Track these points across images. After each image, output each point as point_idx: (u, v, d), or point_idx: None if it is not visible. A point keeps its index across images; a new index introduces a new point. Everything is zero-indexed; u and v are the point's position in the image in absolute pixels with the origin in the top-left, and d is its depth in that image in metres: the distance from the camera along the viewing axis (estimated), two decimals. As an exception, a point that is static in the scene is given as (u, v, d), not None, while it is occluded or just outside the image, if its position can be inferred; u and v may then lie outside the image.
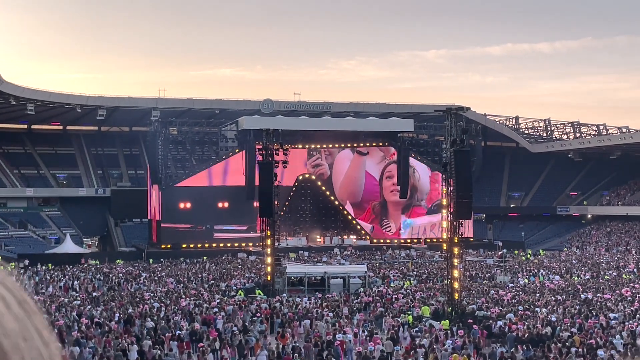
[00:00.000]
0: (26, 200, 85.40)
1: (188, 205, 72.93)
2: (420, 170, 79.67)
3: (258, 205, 54.13)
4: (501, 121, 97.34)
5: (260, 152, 52.16)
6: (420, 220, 79.50)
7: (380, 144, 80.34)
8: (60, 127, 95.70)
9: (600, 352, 25.73)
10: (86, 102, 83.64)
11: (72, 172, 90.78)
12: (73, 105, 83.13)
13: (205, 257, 65.26)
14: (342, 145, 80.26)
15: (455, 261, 38.54)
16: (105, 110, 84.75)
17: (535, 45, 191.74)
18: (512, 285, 48.46)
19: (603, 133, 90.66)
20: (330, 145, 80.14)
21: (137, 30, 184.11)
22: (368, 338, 30.11)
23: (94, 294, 44.65)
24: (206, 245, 71.48)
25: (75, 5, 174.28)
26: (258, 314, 35.76)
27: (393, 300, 40.20)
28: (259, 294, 44.84)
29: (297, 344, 28.82)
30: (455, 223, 38.99)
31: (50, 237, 79.31)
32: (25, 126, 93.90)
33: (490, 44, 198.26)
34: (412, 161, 78.66)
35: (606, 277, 52.78)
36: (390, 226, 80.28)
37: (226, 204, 73.76)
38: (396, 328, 32.31)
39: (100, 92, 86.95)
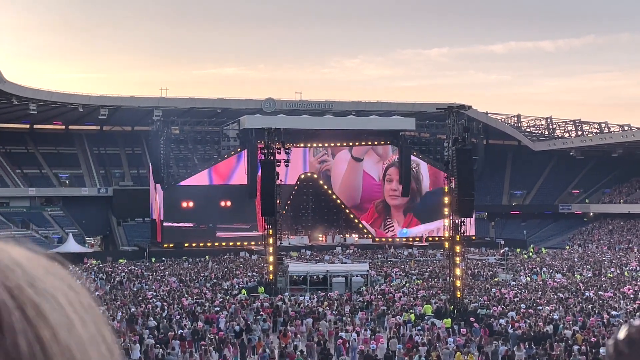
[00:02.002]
0: (29, 200, 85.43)
1: (191, 204, 73.02)
2: (422, 169, 79.64)
3: (260, 204, 54.17)
4: (503, 119, 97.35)
5: (262, 151, 52.22)
6: (417, 229, 79.29)
7: (382, 142, 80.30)
8: (63, 127, 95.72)
9: (602, 349, 25.77)
10: (88, 101, 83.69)
11: (75, 171, 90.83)
12: (75, 105, 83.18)
13: (207, 256, 65.37)
14: (344, 144, 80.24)
15: (457, 259, 38.58)
16: (107, 110, 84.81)
17: (538, 43, 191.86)
18: (514, 283, 48.47)
19: (605, 131, 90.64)
20: (332, 144, 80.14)
21: (139, 29, 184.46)
22: (371, 336, 30.15)
23: (97, 293, 44.72)
24: (208, 244, 71.57)
25: (77, 5, 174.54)
26: (261, 313, 35.83)
27: (395, 298, 40.24)
28: (262, 292, 44.93)
29: (299, 343, 28.88)
30: (457, 221, 39.03)
31: (53, 237, 79.34)
32: (28, 126, 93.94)
33: (494, 42, 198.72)
34: (416, 159, 78.66)
35: (608, 275, 52.79)
36: (393, 225, 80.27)
37: (229, 203, 73.85)
38: (398, 326, 32.36)
39: (102, 92, 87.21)
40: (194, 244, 71.43)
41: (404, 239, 77.94)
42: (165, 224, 72.88)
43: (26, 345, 0.76)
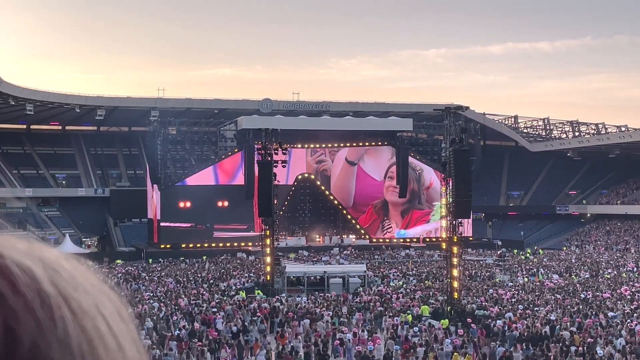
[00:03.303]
0: (25, 201, 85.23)
1: (188, 204, 72.95)
2: (427, 173, 79.59)
3: (257, 204, 54.15)
4: (500, 120, 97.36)
5: (260, 151, 52.16)
6: (414, 231, 79.36)
7: (379, 143, 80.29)
8: (59, 127, 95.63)
9: (599, 350, 25.76)
10: (85, 102, 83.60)
11: (71, 172, 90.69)
12: (72, 106, 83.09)
13: (204, 257, 65.28)
14: (341, 144, 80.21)
15: (455, 260, 38.55)
16: (104, 110, 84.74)
17: (535, 44, 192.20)
18: (511, 284, 48.48)
19: (602, 132, 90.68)
20: (330, 145, 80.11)
21: (136, 30, 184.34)
22: (369, 338, 30.10)
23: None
24: (205, 245, 71.46)
25: (74, 5, 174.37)
26: (258, 314, 35.78)
27: (392, 299, 40.21)
28: (259, 293, 44.86)
29: (297, 344, 28.83)
30: (454, 222, 39.00)
31: (50, 238, 79.17)
32: (24, 126, 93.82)
33: (491, 43, 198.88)
34: (422, 165, 78.97)
35: (606, 276, 52.80)
36: (391, 226, 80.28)
37: (226, 203, 73.80)
38: (396, 327, 32.33)
39: (99, 92, 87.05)
40: (191, 245, 71.38)
41: (402, 240, 77.94)
42: (162, 224, 72.81)
43: (75, 334, 0.84)
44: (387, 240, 77.90)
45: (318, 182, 79.97)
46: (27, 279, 0.82)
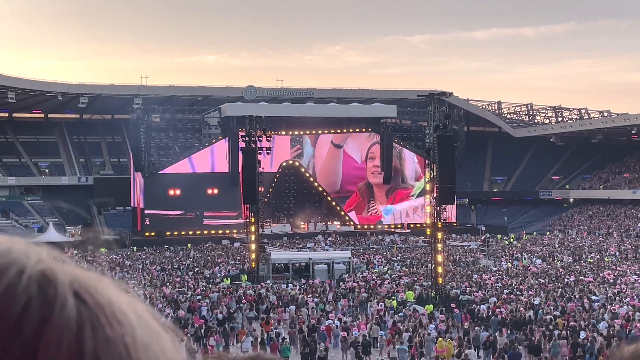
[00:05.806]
0: (8, 189, 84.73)
1: (178, 192, 72.68)
2: (407, 152, 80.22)
3: (242, 191, 54.11)
4: (484, 106, 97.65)
5: (244, 139, 52.08)
6: (401, 206, 79.83)
7: (364, 129, 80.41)
8: (42, 115, 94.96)
9: (582, 334, 26.01)
10: (67, 89, 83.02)
11: (55, 160, 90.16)
12: (54, 93, 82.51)
13: (189, 245, 65.21)
14: (326, 131, 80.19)
15: (439, 246, 38.74)
16: (87, 98, 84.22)
17: (520, 29, 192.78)
18: (495, 269, 48.75)
19: (585, 117, 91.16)
20: (314, 132, 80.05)
21: (119, 17, 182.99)
22: (353, 323, 30.23)
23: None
24: (190, 232, 71.39)
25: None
26: (243, 301, 35.86)
27: (378, 285, 40.37)
28: (245, 279, 44.93)
29: (282, 330, 28.93)
30: (438, 208, 39.18)
31: (33, 226, 78.81)
32: (7, 114, 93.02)
33: (475, 29, 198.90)
34: (402, 149, 79.49)
35: (588, 260, 53.21)
36: (376, 208, 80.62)
37: (215, 191, 73.64)
38: (381, 313, 32.49)
39: (82, 80, 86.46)
40: (175, 233, 71.25)
41: (386, 226, 78.20)
42: (146, 211, 72.59)
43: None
44: (372, 227, 78.11)
45: (302, 169, 79.96)
46: (118, 320, 0.88)
